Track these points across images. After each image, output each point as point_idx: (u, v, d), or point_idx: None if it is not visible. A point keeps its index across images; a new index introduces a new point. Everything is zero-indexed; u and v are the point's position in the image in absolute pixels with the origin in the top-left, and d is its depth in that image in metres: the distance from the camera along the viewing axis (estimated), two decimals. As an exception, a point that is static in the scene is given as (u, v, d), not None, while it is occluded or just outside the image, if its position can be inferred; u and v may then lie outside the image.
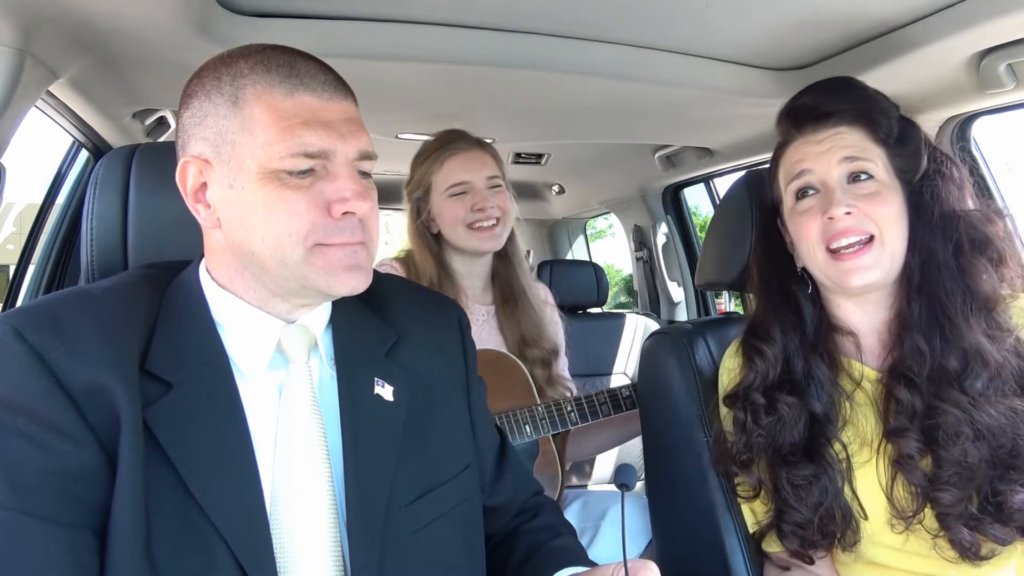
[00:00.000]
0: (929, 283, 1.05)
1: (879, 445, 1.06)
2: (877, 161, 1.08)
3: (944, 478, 0.99)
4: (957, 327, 1.02)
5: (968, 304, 1.03)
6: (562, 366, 1.80)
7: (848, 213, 1.05)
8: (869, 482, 1.06)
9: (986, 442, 0.98)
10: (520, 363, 1.66)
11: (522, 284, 1.74)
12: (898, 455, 1.04)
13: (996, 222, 1.09)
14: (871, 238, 1.06)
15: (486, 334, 1.70)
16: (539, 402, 1.64)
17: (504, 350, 1.68)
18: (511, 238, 1.72)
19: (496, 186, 1.66)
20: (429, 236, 1.68)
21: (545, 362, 1.71)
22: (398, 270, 1.69)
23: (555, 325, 1.81)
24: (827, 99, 1.13)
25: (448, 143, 1.67)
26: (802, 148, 1.13)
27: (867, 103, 1.12)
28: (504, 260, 1.73)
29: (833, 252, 1.07)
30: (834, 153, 1.08)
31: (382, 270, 1.69)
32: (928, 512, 1.01)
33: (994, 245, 1.07)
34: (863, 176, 1.08)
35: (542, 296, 1.82)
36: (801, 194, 1.12)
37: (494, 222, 1.63)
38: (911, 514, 1.01)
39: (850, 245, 1.06)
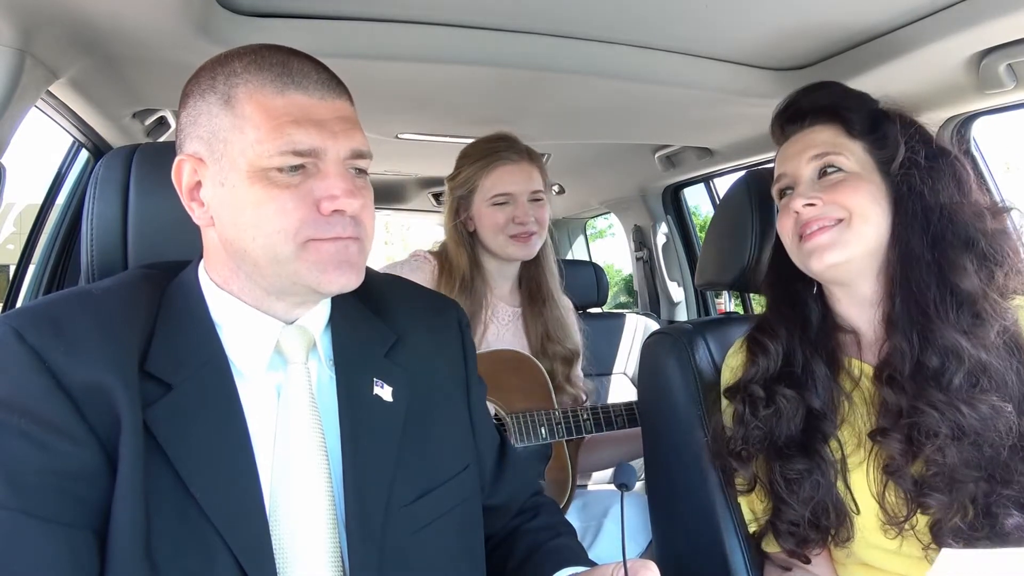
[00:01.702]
0: (907, 277, 1.06)
1: (871, 447, 1.06)
2: (847, 154, 1.10)
3: (928, 481, 0.99)
4: (932, 323, 1.02)
5: (945, 300, 1.02)
6: (580, 371, 1.83)
7: (810, 204, 1.08)
8: (862, 485, 1.06)
9: (965, 442, 0.97)
10: (540, 366, 1.69)
11: (550, 287, 1.79)
12: (886, 459, 1.03)
13: (986, 218, 1.07)
14: (839, 222, 1.07)
15: (510, 335, 1.74)
16: (556, 406, 1.67)
17: (526, 351, 1.71)
18: (544, 244, 1.77)
19: (538, 199, 1.70)
20: (465, 233, 1.73)
21: (567, 360, 1.76)
22: (432, 262, 1.74)
23: (578, 333, 1.85)
24: (802, 99, 1.18)
25: (500, 151, 1.70)
26: (783, 151, 1.18)
27: (837, 99, 1.15)
28: (535, 263, 1.77)
29: (800, 238, 1.10)
30: (805, 152, 1.12)
31: (416, 261, 1.73)
32: (920, 519, 1.00)
33: (982, 241, 1.05)
34: (831, 170, 1.10)
35: (567, 303, 1.86)
36: (782, 195, 1.16)
37: (531, 232, 1.68)
38: (902, 519, 1.01)
39: (814, 231, 1.08)
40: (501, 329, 1.73)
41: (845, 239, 1.07)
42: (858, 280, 1.10)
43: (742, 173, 1.41)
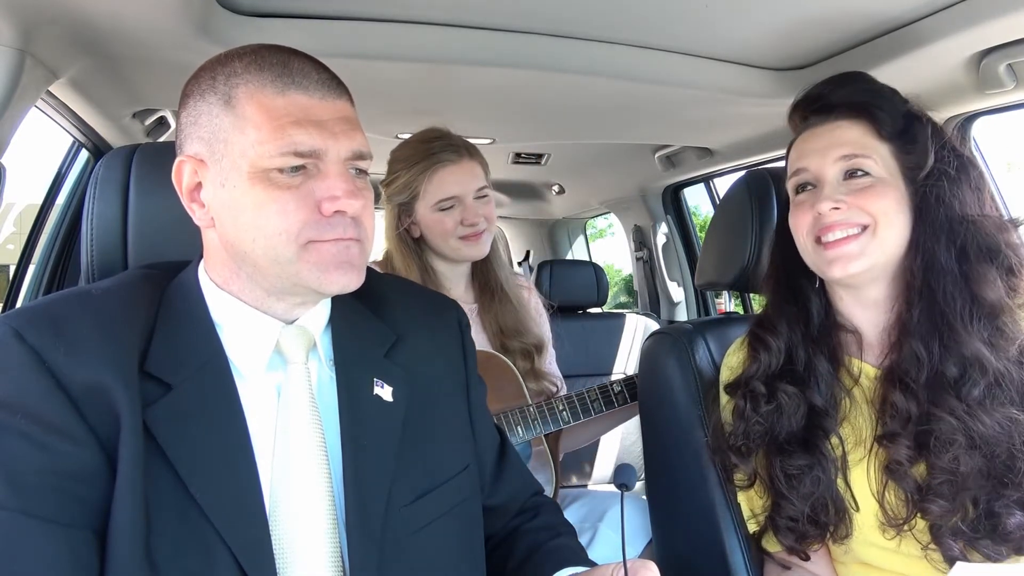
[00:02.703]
0: (929, 287, 1.04)
1: (872, 446, 1.06)
2: (876, 157, 1.07)
3: (934, 488, 0.99)
4: (956, 333, 1.01)
5: (970, 311, 1.01)
6: (548, 361, 1.78)
7: (836, 208, 1.05)
8: (861, 483, 1.06)
9: (980, 452, 0.97)
10: (510, 363, 1.65)
11: (500, 278, 1.72)
12: (889, 461, 1.03)
13: (1010, 231, 1.06)
14: (864, 228, 1.05)
15: (473, 334, 1.69)
16: (530, 402, 1.63)
17: (488, 347, 1.66)
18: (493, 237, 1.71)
19: (483, 196, 1.63)
20: (411, 241, 1.65)
21: (526, 354, 1.69)
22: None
23: (539, 317, 1.79)
24: (832, 91, 1.12)
25: (437, 151, 1.60)
26: (804, 144, 1.13)
27: (870, 96, 1.10)
28: (483, 258, 1.71)
29: (822, 243, 1.07)
30: (831, 151, 1.08)
31: None
32: (920, 521, 1.00)
33: (1006, 254, 1.04)
34: (859, 173, 1.07)
35: (522, 284, 1.80)
36: (800, 188, 1.13)
37: (481, 231, 1.62)
38: (901, 521, 1.01)
39: (840, 239, 1.06)
40: None
41: (870, 249, 1.05)
42: (869, 285, 1.10)
43: (742, 173, 1.41)
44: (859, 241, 1.05)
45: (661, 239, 3.11)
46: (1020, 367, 1.01)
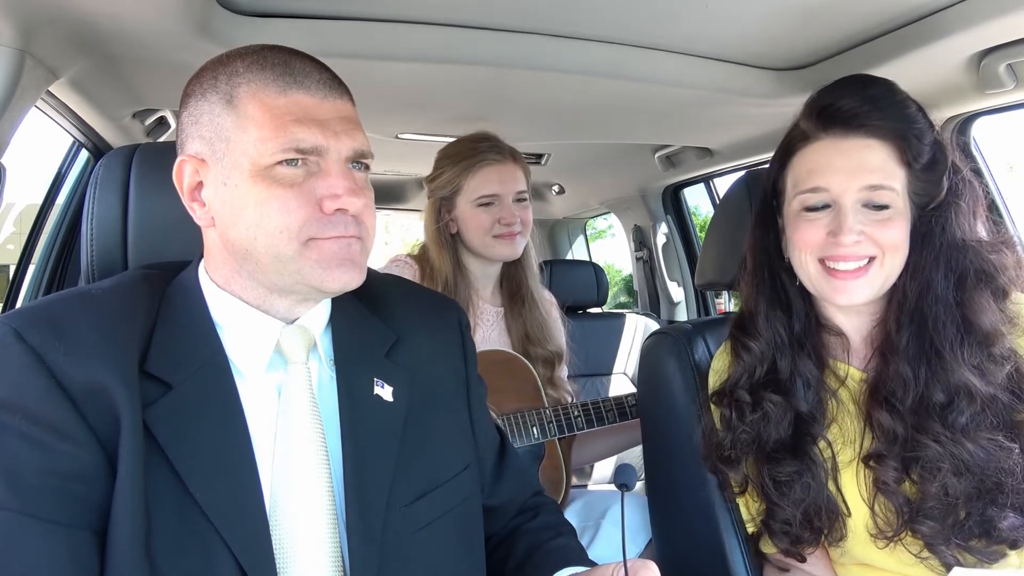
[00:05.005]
0: (921, 312, 1.02)
1: (860, 448, 1.06)
2: (897, 186, 1.02)
3: (924, 511, 0.98)
4: (944, 360, 0.99)
5: (961, 338, 0.99)
6: (563, 372, 1.82)
7: (857, 241, 1.01)
8: (852, 488, 1.06)
9: (967, 477, 0.96)
10: (529, 365, 1.69)
11: (530, 286, 1.78)
12: (876, 479, 1.03)
13: (1005, 253, 1.04)
14: (871, 260, 1.02)
15: (495, 335, 1.73)
16: (547, 405, 1.67)
17: (511, 350, 1.71)
18: (526, 244, 1.76)
19: (523, 200, 1.69)
20: (448, 236, 1.71)
21: (548, 362, 1.74)
22: (413, 266, 1.72)
23: (560, 330, 1.84)
24: (868, 109, 1.03)
25: (484, 151, 1.68)
26: (824, 158, 1.04)
27: (906, 123, 1.03)
28: (516, 262, 1.76)
29: (829, 268, 1.04)
30: (858, 175, 1.01)
31: (396, 266, 1.72)
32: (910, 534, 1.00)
33: (1000, 278, 1.02)
34: (882, 205, 1.01)
35: (548, 298, 1.86)
36: (812, 206, 1.05)
37: (516, 232, 1.67)
38: (892, 533, 1.01)
39: (849, 271, 1.03)
40: (488, 330, 1.73)
41: (876, 279, 1.02)
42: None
43: (742, 173, 1.41)
44: (867, 275, 1.02)
45: (661, 239, 3.11)
46: (1007, 390, 0.99)
